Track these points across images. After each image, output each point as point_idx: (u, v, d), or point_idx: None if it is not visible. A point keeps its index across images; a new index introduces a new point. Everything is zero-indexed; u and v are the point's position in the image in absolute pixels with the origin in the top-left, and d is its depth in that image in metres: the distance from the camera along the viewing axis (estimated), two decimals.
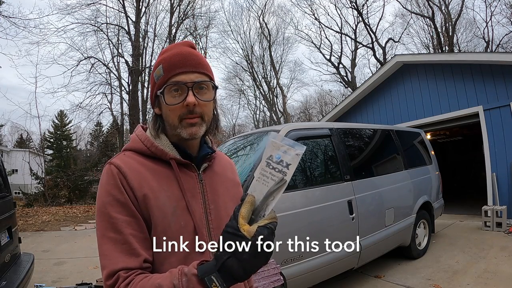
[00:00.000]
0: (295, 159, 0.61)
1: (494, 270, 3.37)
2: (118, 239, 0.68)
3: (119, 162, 0.74)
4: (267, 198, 0.61)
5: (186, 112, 0.75)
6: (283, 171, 0.61)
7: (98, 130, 22.57)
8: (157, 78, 0.77)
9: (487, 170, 5.75)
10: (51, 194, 13.88)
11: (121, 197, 0.70)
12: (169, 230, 0.72)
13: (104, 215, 0.70)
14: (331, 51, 20.78)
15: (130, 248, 0.68)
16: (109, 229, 0.69)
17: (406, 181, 3.93)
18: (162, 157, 0.78)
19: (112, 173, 0.73)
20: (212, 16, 18.94)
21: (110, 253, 0.68)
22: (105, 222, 0.70)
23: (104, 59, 14.77)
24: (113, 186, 0.71)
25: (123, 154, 0.79)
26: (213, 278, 0.58)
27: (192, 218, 0.75)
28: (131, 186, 0.71)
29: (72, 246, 6.12)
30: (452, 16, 17.56)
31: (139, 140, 0.80)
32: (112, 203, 0.70)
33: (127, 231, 0.69)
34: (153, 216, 0.72)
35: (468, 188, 9.62)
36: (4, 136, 28.54)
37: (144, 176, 0.74)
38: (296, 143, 0.62)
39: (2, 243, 2.74)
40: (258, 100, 25.39)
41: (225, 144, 3.77)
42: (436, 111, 6.52)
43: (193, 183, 0.79)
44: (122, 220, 0.69)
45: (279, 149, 0.61)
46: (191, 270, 0.61)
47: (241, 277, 0.58)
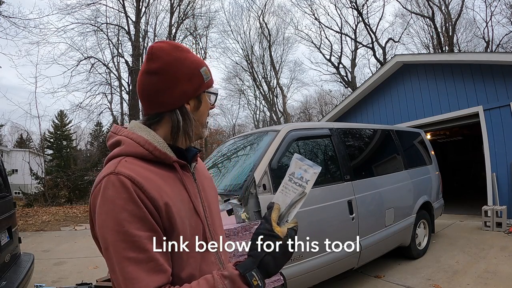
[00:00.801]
0: (313, 176, 0.75)
1: (494, 270, 3.37)
2: (144, 258, 0.63)
3: (128, 171, 0.67)
4: (290, 207, 0.74)
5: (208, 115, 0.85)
6: (303, 185, 0.75)
7: (98, 130, 22.55)
8: (206, 78, 0.80)
9: (487, 170, 5.74)
10: (51, 194, 13.87)
11: (139, 212, 0.64)
12: (186, 233, 0.72)
13: (121, 234, 0.63)
14: (331, 51, 20.82)
15: (157, 264, 0.65)
16: (131, 249, 0.63)
17: (406, 181, 3.93)
18: (166, 161, 0.75)
19: (124, 185, 0.65)
20: (212, 16, 19.00)
21: (137, 276, 0.62)
22: (124, 242, 0.63)
23: (104, 59, 14.82)
24: (127, 200, 0.64)
25: (124, 161, 0.70)
26: (253, 274, 0.65)
27: (200, 218, 0.77)
28: (150, 197, 0.66)
29: (72, 246, 6.12)
30: (452, 16, 17.58)
31: (138, 144, 0.73)
32: (129, 219, 0.63)
33: (151, 248, 0.64)
34: (175, 223, 0.69)
35: (468, 188, 9.61)
36: (4, 136, 28.54)
37: (159, 184, 0.70)
38: (314, 164, 0.76)
39: (2, 243, 2.74)
40: (258, 100, 25.41)
41: (225, 144, 3.77)
42: (436, 111, 6.52)
43: (192, 184, 0.80)
44: (144, 237, 0.64)
45: (301, 167, 0.75)
46: (232, 272, 0.66)
47: (274, 271, 0.68)
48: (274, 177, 2.55)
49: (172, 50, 0.76)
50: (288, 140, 2.82)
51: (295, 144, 2.93)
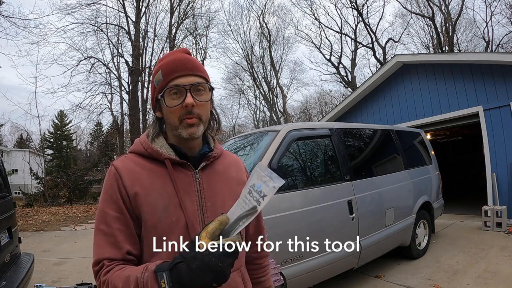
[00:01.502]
0: (272, 191, 0.66)
1: (494, 270, 3.37)
2: (107, 231, 0.77)
3: (118, 163, 0.83)
4: (236, 222, 0.66)
5: (185, 113, 0.80)
6: (258, 200, 0.66)
7: (98, 130, 22.57)
8: (157, 83, 0.83)
9: (487, 170, 5.74)
10: (51, 194, 13.87)
11: (114, 195, 0.79)
12: (159, 225, 0.78)
13: (100, 210, 0.80)
14: (331, 51, 20.81)
15: (116, 241, 0.76)
16: (102, 222, 0.78)
17: (406, 181, 3.93)
18: (158, 157, 0.83)
19: (111, 173, 0.82)
20: (212, 16, 18.97)
21: (99, 243, 0.77)
22: (99, 216, 0.80)
23: (104, 59, 14.77)
24: (110, 185, 0.80)
25: (124, 156, 0.86)
26: (163, 275, 0.63)
27: (184, 214, 0.79)
28: (124, 185, 0.79)
29: (72, 246, 6.12)
30: (452, 16, 17.57)
31: (139, 143, 0.87)
32: (107, 200, 0.79)
33: (114, 226, 0.77)
34: (143, 212, 0.78)
35: (468, 188, 9.61)
36: (4, 136, 28.57)
37: (138, 176, 0.81)
38: (277, 177, 0.66)
39: (2, 243, 2.74)
40: (258, 100, 25.42)
41: (225, 144, 3.77)
42: (436, 111, 6.52)
43: (188, 181, 0.83)
44: (112, 215, 0.78)
45: (261, 179, 0.67)
46: (152, 267, 0.66)
47: (188, 283, 0.61)
48: None
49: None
50: (288, 140, 2.82)
51: (295, 144, 2.93)
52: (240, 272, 0.88)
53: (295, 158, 2.92)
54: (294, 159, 2.91)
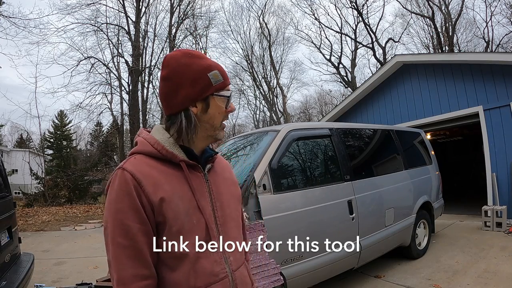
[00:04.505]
0: None
1: (494, 270, 3.37)
2: (130, 245, 0.72)
3: (131, 167, 0.76)
4: None
5: (225, 117, 0.87)
6: None
7: (98, 130, 22.57)
8: (215, 81, 0.83)
9: (487, 170, 5.74)
10: (51, 194, 13.88)
11: (134, 204, 0.73)
12: (183, 230, 0.77)
13: (116, 220, 0.73)
14: (331, 51, 20.82)
15: (143, 256, 0.74)
16: (122, 236, 0.72)
17: (406, 181, 3.93)
18: (173, 160, 0.81)
19: (126, 179, 0.75)
20: (212, 16, 18.98)
21: (122, 260, 0.72)
22: (119, 229, 0.73)
23: (104, 59, 14.79)
24: (126, 192, 0.74)
25: (133, 158, 0.80)
26: None
27: (203, 216, 0.80)
28: (146, 192, 0.74)
29: (72, 246, 6.12)
30: (452, 16, 17.57)
31: (149, 144, 0.82)
32: (124, 210, 0.73)
33: (140, 239, 0.73)
34: (168, 218, 0.76)
35: (468, 188, 9.61)
36: (4, 136, 28.53)
37: (157, 181, 0.77)
38: None
39: (2, 243, 2.74)
40: (258, 100, 25.42)
41: (225, 144, 3.77)
42: (436, 111, 6.52)
43: (200, 183, 0.84)
44: (136, 228, 0.73)
45: None
46: None
47: None
48: (274, 177, 2.54)
49: (181, 57, 0.82)
50: (288, 140, 2.82)
51: (295, 144, 2.93)
52: (245, 266, 0.94)
53: (295, 158, 2.92)
54: (294, 159, 2.91)
